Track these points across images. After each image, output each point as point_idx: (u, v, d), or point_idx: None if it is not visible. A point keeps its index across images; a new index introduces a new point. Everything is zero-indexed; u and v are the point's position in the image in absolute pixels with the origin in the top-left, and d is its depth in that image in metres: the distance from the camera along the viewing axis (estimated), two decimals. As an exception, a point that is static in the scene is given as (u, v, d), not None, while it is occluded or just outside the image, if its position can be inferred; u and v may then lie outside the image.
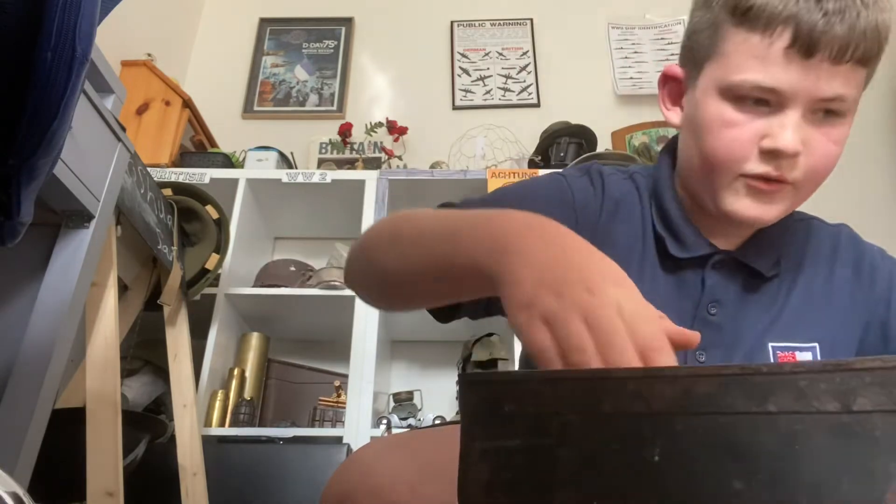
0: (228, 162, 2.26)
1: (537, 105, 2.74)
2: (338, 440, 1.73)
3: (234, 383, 1.93)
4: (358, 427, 1.76)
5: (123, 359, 1.25)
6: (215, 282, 1.91)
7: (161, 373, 1.80)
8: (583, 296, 0.42)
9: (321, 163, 2.50)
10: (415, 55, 2.88)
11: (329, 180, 2.14)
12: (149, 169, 1.43)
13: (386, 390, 2.12)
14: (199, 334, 1.75)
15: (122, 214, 1.23)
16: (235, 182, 2.11)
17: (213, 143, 2.51)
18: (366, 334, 1.89)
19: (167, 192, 1.64)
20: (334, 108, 2.74)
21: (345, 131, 2.52)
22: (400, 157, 2.51)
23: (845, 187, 2.26)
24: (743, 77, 0.66)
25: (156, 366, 1.81)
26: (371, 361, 1.84)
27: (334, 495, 0.63)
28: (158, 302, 1.48)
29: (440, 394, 2.15)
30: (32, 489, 0.70)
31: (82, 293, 0.97)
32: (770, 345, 0.73)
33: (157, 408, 1.83)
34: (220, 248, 1.73)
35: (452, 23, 2.93)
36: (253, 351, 2.04)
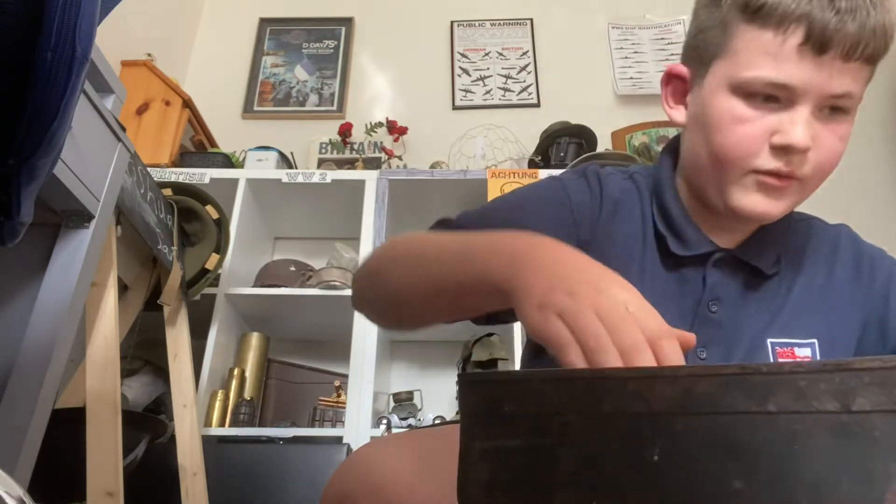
0: (228, 162, 2.26)
1: (537, 105, 2.74)
2: (338, 440, 1.73)
3: (234, 383, 1.93)
4: (358, 427, 1.76)
5: (123, 359, 1.25)
6: (215, 282, 1.91)
7: (161, 373, 1.80)
8: (593, 294, 0.46)
9: (321, 163, 2.50)
10: (415, 55, 2.88)
11: (329, 180, 2.14)
12: (149, 169, 1.43)
13: (386, 390, 2.12)
14: (199, 334, 1.75)
15: (122, 214, 1.23)
16: (235, 182, 2.11)
17: (213, 143, 2.51)
18: (366, 334, 1.89)
19: (167, 192, 1.64)
20: (334, 108, 2.74)
21: (345, 131, 2.52)
22: (400, 157, 2.51)
23: (845, 187, 2.26)
24: (755, 73, 0.67)
25: (156, 366, 1.81)
26: (371, 361, 1.84)
27: (335, 494, 0.63)
28: (158, 302, 1.48)
29: (440, 394, 2.15)
30: (32, 489, 0.70)
31: (82, 293, 0.97)
32: (769, 341, 0.74)
33: (157, 408, 1.83)
34: (220, 248, 1.72)
35: (452, 23, 2.93)
36: (253, 351, 2.04)
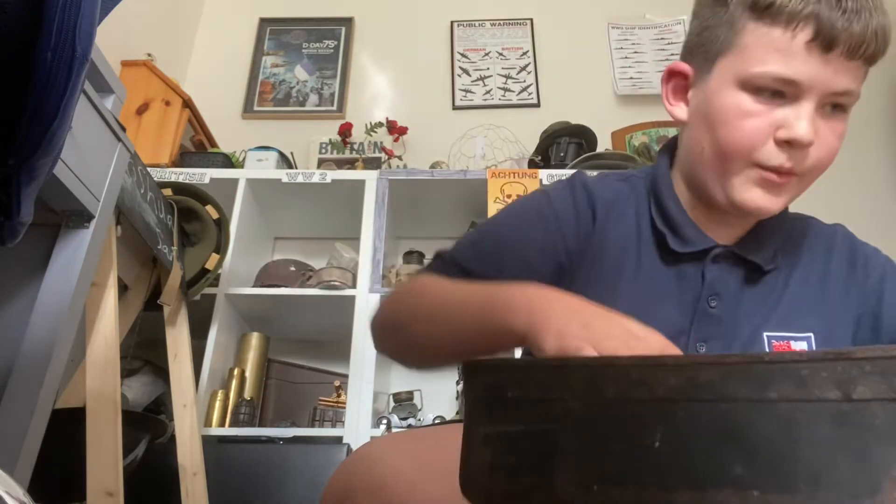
0: (228, 162, 2.26)
1: (537, 105, 2.74)
2: (338, 440, 1.73)
3: (234, 383, 1.93)
4: (358, 427, 1.76)
5: (123, 359, 1.25)
6: (215, 282, 1.91)
7: (161, 373, 1.80)
8: (604, 323, 0.52)
9: (321, 163, 2.50)
10: (415, 55, 2.88)
11: (329, 180, 2.14)
12: (149, 169, 1.43)
13: (386, 390, 2.12)
14: (199, 334, 1.75)
15: (122, 214, 1.23)
16: (235, 182, 2.11)
17: (213, 143, 2.51)
18: (366, 334, 1.88)
19: (167, 192, 1.64)
20: (334, 108, 2.74)
21: (345, 131, 2.52)
22: (400, 157, 2.51)
23: (846, 186, 2.26)
24: (764, 69, 0.69)
25: (156, 366, 1.81)
26: (371, 361, 1.85)
27: (335, 493, 0.63)
28: (158, 302, 1.48)
29: (440, 394, 2.14)
30: (32, 489, 0.70)
31: (82, 293, 0.97)
32: (766, 334, 0.75)
33: (157, 408, 1.83)
34: (220, 248, 1.72)
35: (452, 23, 2.93)
36: (253, 351, 2.04)
